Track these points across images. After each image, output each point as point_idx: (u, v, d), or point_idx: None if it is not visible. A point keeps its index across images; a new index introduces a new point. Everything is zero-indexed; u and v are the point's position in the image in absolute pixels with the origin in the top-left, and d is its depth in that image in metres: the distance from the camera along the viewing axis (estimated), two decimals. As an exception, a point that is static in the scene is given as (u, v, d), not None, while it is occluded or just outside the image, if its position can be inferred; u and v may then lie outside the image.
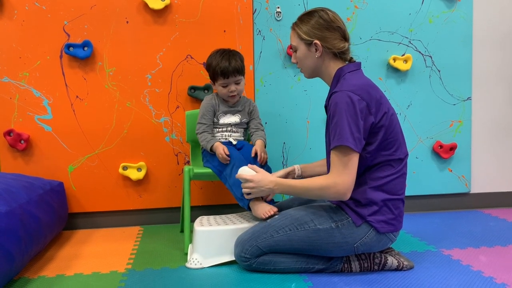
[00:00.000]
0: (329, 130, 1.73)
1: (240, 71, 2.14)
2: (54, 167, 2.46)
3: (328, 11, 1.78)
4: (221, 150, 2.04)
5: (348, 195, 1.67)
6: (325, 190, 1.68)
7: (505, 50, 2.78)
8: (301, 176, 2.00)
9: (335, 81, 1.77)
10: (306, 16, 1.79)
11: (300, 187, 1.75)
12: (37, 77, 2.42)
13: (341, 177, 1.65)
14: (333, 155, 1.67)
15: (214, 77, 2.16)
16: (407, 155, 1.79)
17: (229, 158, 2.03)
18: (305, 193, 1.76)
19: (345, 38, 1.78)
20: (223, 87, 2.15)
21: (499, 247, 2.08)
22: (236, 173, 1.90)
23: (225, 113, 2.21)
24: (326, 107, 1.83)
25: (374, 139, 1.70)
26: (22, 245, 1.76)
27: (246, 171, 1.85)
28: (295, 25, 1.82)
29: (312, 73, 1.85)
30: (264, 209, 1.87)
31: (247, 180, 1.82)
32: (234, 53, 2.17)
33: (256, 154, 2.08)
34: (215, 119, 2.20)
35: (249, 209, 1.94)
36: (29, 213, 1.89)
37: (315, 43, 1.75)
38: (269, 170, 2.10)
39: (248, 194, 1.85)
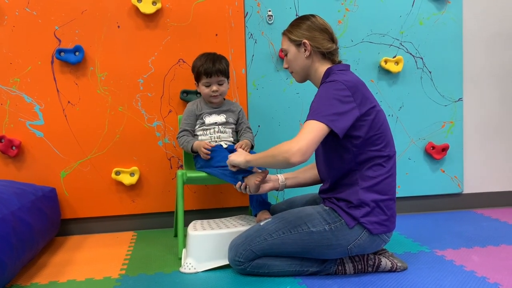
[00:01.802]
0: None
1: (223, 72, 2.21)
2: (46, 173, 2.44)
3: (317, 17, 1.86)
4: (202, 147, 2.10)
5: (296, 160, 1.61)
6: (279, 148, 1.65)
7: (495, 51, 2.81)
8: (285, 184, 2.02)
9: (325, 78, 1.81)
10: (296, 21, 1.87)
11: (264, 151, 1.76)
12: (28, 82, 2.40)
13: (299, 139, 1.61)
14: (304, 125, 1.66)
15: (198, 77, 2.22)
16: (395, 153, 1.81)
17: (209, 153, 2.08)
18: (267, 153, 1.74)
19: (332, 40, 1.85)
20: (206, 86, 2.20)
21: (492, 247, 2.10)
22: (225, 165, 1.98)
23: (210, 113, 2.24)
24: None
25: (360, 132, 1.71)
26: (14, 252, 1.74)
27: None
28: (286, 31, 1.90)
29: (302, 75, 1.89)
30: (254, 177, 1.87)
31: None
32: (219, 56, 2.24)
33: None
34: (200, 120, 2.24)
35: (242, 181, 1.94)
36: (21, 220, 1.87)
37: (304, 43, 1.82)
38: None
39: (232, 169, 1.94)
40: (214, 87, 2.19)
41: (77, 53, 2.40)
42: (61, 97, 2.44)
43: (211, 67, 2.17)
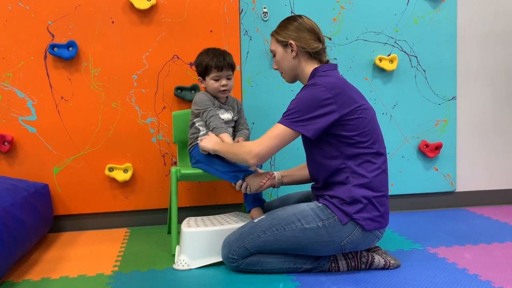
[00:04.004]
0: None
1: (233, 66, 2.19)
2: (39, 169, 2.42)
3: (304, 17, 1.88)
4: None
5: (253, 162, 1.75)
6: (241, 147, 1.82)
7: (489, 50, 2.82)
8: (281, 181, 2.04)
9: (310, 79, 1.83)
10: (284, 22, 1.90)
11: (227, 144, 1.96)
12: (21, 78, 2.38)
13: (261, 143, 1.74)
14: (274, 126, 1.76)
15: (206, 71, 2.16)
16: (385, 150, 1.83)
17: None
18: (231, 149, 1.88)
19: (319, 39, 1.86)
20: (215, 80, 2.15)
21: (484, 245, 2.11)
22: (224, 164, 1.98)
23: (220, 108, 2.20)
24: None
25: (345, 131, 1.73)
26: (6, 249, 1.73)
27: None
28: (273, 32, 1.92)
29: (291, 75, 1.91)
30: (258, 179, 1.89)
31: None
32: (226, 51, 2.22)
33: None
34: None
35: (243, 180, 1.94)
36: (13, 216, 1.86)
37: (290, 43, 1.84)
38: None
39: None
40: (224, 81, 2.15)
41: (70, 49, 2.39)
42: (54, 92, 2.42)
43: (222, 60, 2.14)
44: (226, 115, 2.20)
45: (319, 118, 1.71)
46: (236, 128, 2.29)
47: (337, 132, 1.73)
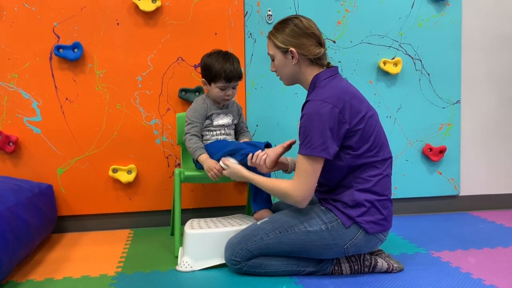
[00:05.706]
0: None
1: (241, 76, 2.14)
2: (43, 169, 2.43)
3: (302, 18, 1.80)
4: (213, 167, 1.99)
5: (305, 203, 1.74)
6: (286, 197, 1.75)
7: (494, 54, 2.82)
8: (293, 167, 1.98)
9: (311, 88, 1.80)
10: (281, 25, 1.82)
11: (265, 186, 1.83)
12: (26, 78, 2.40)
13: (301, 187, 1.70)
14: (300, 161, 1.71)
15: (213, 78, 2.10)
16: (391, 156, 1.81)
17: (220, 175, 2.00)
18: (269, 191, 1.84)
19: (320, 43, 1.80)
20: (221, 89, 2.11)
21: (488, 249, 2.10)
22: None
23: (219, 114, 2.18)
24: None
25: (352, 141, 1.70)
26: (10, 248, 1.74)
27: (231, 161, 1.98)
28: (270, 34, 1.84)
29: (291, 80, 1.87)
30: (277, 147, 1.91)
31: (227, 167, 1.95)
32: (234, 56, 2.15)
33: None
34: (209, 120, 2.17)
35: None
36: (17, 216, 1.87)
37: (291, 51, 1.77)
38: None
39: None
40: (229, 92, 2.11)
41: (75, 50, 2.40)
42: (59, 93, 2.43)
43: (233, 71, 2.06)
44: (226, 120, 2.19)
45: (335, 136, 1.67)
46: (237, 131, 2.30)
47: (344, 144, 1.71)
